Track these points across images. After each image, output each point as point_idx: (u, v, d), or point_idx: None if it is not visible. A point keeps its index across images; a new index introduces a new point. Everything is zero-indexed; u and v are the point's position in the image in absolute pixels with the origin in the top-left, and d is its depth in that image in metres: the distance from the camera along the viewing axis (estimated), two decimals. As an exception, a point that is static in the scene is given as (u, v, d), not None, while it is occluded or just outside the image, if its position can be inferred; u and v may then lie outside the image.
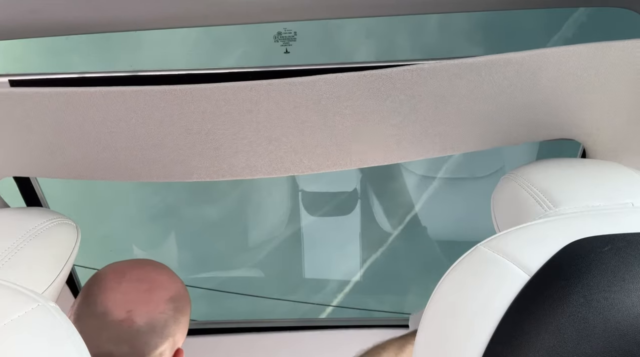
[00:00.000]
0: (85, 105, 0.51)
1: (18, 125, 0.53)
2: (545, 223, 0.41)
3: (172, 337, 0.64)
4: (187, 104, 0.51)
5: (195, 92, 0.50)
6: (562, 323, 0.33)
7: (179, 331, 0.65)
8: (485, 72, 0.50)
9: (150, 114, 0.52)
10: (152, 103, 0.51)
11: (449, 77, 0.50)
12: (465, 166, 2.17)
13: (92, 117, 0.52)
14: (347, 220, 2.32)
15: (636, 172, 0.50)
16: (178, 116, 0.52)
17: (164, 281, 0.65)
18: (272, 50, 0.88)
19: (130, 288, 0.63)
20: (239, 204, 2.30)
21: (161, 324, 0.62)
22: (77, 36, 0.56)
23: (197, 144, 0.55)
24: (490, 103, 0.52)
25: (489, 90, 0.51)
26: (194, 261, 2.36)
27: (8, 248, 0.48)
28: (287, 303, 2.21)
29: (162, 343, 0.62)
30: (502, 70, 0.50)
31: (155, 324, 0.62)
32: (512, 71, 0.50)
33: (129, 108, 0.51)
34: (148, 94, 0.50)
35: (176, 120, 0.52)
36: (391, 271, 2.35)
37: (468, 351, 0.36)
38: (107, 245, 2.27)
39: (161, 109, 0.51)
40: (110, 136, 0.54)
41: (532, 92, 0.51)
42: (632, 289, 0.34)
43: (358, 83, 0.50)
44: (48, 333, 0.38)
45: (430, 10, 0.58)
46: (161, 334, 0.62)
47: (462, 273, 0.41)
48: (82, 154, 0.56)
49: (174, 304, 0.64)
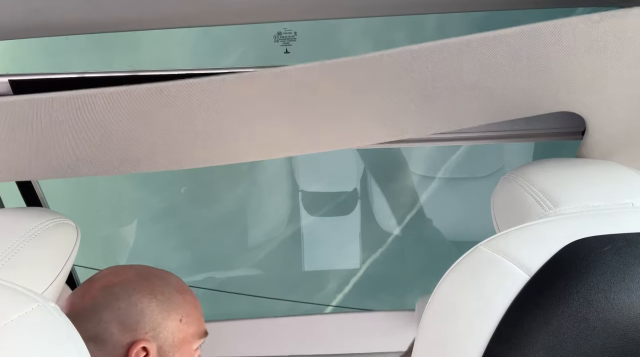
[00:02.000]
0: (80, 107, 0.51)
1: (14, 131, 0.53)
2: (545, 223, 0.41)
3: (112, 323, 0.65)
4: (184, 98, 0.51)
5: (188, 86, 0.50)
6: (562, 323, 0.33)
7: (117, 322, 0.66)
8: (482, 49, 0.49)
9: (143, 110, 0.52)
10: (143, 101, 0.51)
11: (448, 55, 0.49)
12: (465, 166, 2.17)
13: (87, 118, 0.52)
14: (347, 220, 2.32)
15: (636, 172, 0.50)
16: (174, 112, 0.52)
17: (108, 274, 0.70)
18: (272, 50, 0.88)
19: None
20: (239, 204, 2.30)
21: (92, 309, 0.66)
22: (77, 36, 0.55)
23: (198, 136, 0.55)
24: (489, 78, 0.51)
25: (488, 66, 0.50)
26: (193, 261, 2.35)
27: (8, 248, 0.48)
28: (286, 303, 2.21)
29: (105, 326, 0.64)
30: (500, 46, 0.49)
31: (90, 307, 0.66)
32: (511, 46, 0.49)
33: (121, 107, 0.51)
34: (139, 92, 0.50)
35: (172, 116, 0.52)
36: (391, 271, 2.35)
37: (468, 350, 0.36)
38: (107, 245, 2.27)
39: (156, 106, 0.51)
40: (105, 135, 0.54)
41: (530, 65, 0.50)
42: (632, 289, 0.34)
43: (357, 67, 0.49)
44: (48, 333, 0.38)
45: (430, 10, 0.58)
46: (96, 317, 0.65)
47: (462, 273, 0.41)
48: (79, 153, 0.56)
49: (105, 291, 0.67)
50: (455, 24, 1.78)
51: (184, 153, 0.58)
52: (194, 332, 0.70)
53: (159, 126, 0.53)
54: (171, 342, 0.67)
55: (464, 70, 0.50)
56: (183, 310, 0.69)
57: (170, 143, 0.56)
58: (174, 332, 0.67)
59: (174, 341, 0.67)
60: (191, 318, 0.70)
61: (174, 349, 0.67)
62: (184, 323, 0.69)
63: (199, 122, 0.54)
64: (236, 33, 1.91)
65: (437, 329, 0.40)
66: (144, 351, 0.64)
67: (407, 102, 0.54)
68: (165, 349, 0.66)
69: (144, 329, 0.65)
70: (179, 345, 0.67)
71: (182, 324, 0.68)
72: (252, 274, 2.36)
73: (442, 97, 0.53)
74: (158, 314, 0.67)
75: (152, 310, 0.66)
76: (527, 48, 0.49)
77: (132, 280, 0.69)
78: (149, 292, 0.68)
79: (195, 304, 0.72)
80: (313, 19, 0.57)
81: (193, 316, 0.70)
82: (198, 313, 0.72)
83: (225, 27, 0.56)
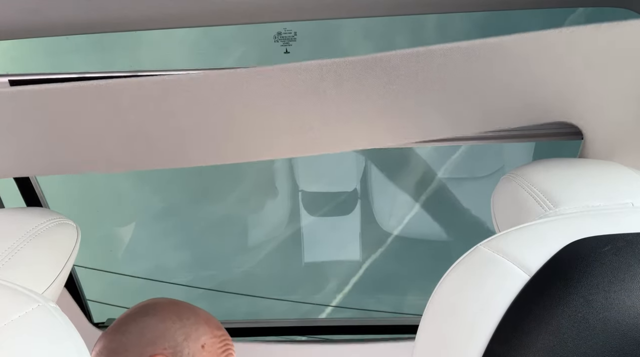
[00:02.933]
0: (79, 100, 0.51)
1: (13, 125, 0.53)
2: (545, 223, 0.41)
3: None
4: (180, 93, 0.51)
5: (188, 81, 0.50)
6: (562, 323, 0.33)
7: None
8: (483, 56, 0.49)
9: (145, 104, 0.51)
10: (145, 94, 0.50)
11: (450, 60, 0.49)
12: (465, 166, 2.17)
13: (87, 111, 0.52)
14: (347, 220, 2.32)
15: (636, 172, 0.50)
16: (175, 106, 0.52)
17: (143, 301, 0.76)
18: (272, 50, 0.88)
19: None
20: (239, 204, 2.30)
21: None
22: (77, 36, 0.56)
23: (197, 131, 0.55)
24: (489, 86, 0.52)
25: (488, 73, 0.50)
26: (193, 261, 2.35)
27: (8, 248, 0.48)
28: (286, 303, 2.21)
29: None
30: (499, 54, 0.49)
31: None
32: (509, 54, 0.49)
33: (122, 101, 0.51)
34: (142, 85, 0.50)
35: (173, 110, 0.52)
36: (391, 271, 2.35)
37: (468, 351, 0.36)
38: (107, 245, 2.27)
39: (155, 100, 0.51)
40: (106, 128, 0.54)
41: (527, 74, 0.51)
42: (632, 289, 0.34)
43: (359, 68, 0.49)
44: (48, 333, 0.38)
45: (430, 10, 0.58)
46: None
47: (462, 273, 0.41)
48: (79, 148, 0.56)
49: (136, 309, 0.74)
50: (456, 24, 1.78)
51: (184, 151, 0.58)
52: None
53: (161, 121, 0.53)
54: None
55: (466, 76, 0.51)
56: (207, 338, 0.71)
57: (171, 139, 0.56)
58: (194, 355, 0.69)
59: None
60: (214, 349, 0.72)
61: None
62: (207, 351, 0.71)
63: (204, 119, 0.54)
64: (236, 33, 1.90)
65: (437, 329, 0.40)
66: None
67: (411, 105, 0.54)
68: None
69: (163, 345, 0.68)
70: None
71: (204, 351, 0.71)
72: (252, 274, 2.36)
73: (440, 103, 0.54)
74: (180, 335, 0.69)
75: (175, 330, 0.69)
76: (529, 57, 0.49)
77: (162, 303, 0.74)
78: (176, 314, 0.72)
79: (224, 339, 0.74)
80: (313, 19, 0.57)
81: (217, 348, 0.72)
82: (226, 350, 0.74)
83: (225, 27, 0.56)
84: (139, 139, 0.55)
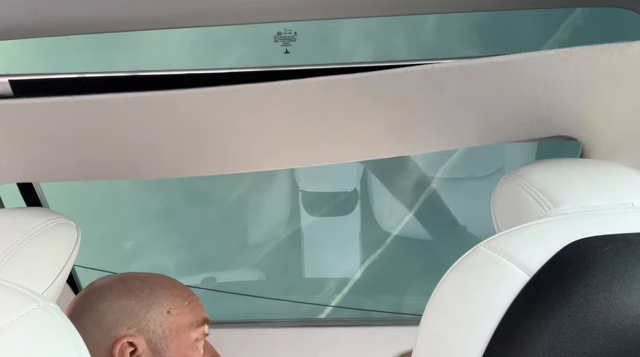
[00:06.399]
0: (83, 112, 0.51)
1: (17, 133, 0.53)
2: (545, 223, 0.41)
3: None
4: (183, 107, 0.51)
5: (190, 96, 0.51)
6: (562, 323, 0.33)
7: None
8: (485, 73, 0.50)
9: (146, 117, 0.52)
10: (147, 108, 0.51)
11: (450, 77, 0.50)
12: (464, 166, 2.17)
13: (90, 122, 0.52)
14: (347, 220, 2.31)
15: (636, 172, 0.50)
16: (176, 118, 0.52)
17: (89, 285, 0.73)
18: (272, 50, 0.88)
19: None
20: (238, 204, 2.30)
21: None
22: (77, 36, 0.55)
23: (197, 143, 0.55)
24: (490, 102, 0.52)
25: (489, 90, 0.51)
26: (193, 261, 2.35)
27: (8, 248, 0.48)
28: (286, 303, 2.21)
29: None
30: (503, 71, 0.50)
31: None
32: (513, 72, 0.50)
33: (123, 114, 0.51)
34: (144, 99, 0.50)
35: (174, 123, 0.53)
36: (391, 271, 2.35)
37: (468, 351, 0.36)
38: (107, 245, 2.27)
39: (157, 113, 0.52)
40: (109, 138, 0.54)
41: (532, 92, 0.51)
42: (632, 289, 0.34)
43: (361, 83, 0.50)
44: (48, 333, 0.38)
45: (430, 10, 0.58)
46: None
47: (462, 273, 0.41)
48: (82, 156, 0.56)
49: (82, 299, 0.70)
50: (456, 24, 1.78)
51: (188, 160, 0.58)
52: (189, 322, 0.70)
53: (161, 132, 0.54)
54: (161, 333, 0.67)
55: (466, 93, 0.51)
56: (169, 302, 0.69)
57: (175, 150, 0.56)
58: (162, 324, 0.67)
59: (164, 333, 0.67)
60: (182, 309, 0.70)
61: (167, 340, 0.67)
62: (173, 314, 0.69)
63: (207, 131, 0.54)
64: (236, 33, 1.90)
65: (436, 329, 0.40)
66: (130, 346, 0.65)
67: (412, 120, 0.55)
68: (154, 342, 0.66)
69: (125, 326, 0.66)
70: (172, 336, 0.67)
71: (171, 315, 0.68)
72: (251, 274, 2.36)
73: (441, 118, 0.55)
74: (139, 309, 0.67)
75: (131, 306, 0.67)
76: (532, 75, 0.50)
77: (109, 283, 0.70)
78: (127, 291, 0.69)
79: (185, 295, 0.72)
80: (313, 19, 0.57)
81: (184, 307, 0.70)
82: (192, 304, 0.72)
83: (225, 27, 0.56)
84: (141, 149, 0.56)
